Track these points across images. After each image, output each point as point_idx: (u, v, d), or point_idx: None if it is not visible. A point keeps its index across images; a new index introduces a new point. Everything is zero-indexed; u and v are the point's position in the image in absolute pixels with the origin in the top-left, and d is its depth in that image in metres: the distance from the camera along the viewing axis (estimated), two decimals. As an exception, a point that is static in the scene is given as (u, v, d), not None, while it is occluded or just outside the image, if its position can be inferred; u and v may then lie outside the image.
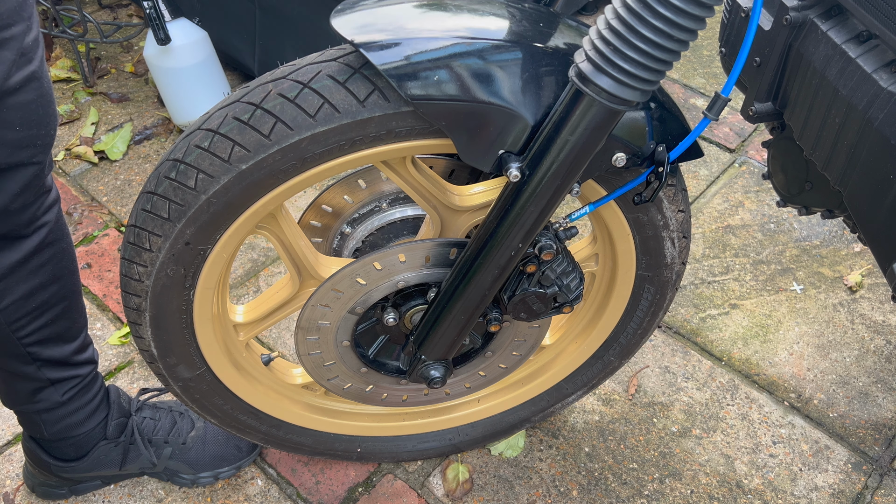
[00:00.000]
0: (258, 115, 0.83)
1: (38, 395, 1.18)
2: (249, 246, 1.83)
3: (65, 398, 1.20)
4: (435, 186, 0.96)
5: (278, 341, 1.63)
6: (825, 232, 1.84)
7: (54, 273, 1.08)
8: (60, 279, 1.09)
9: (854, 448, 1.45)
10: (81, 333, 1.19)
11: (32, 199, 0.99)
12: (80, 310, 1.17)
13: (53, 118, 0.97)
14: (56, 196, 1.06)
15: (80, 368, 1.20)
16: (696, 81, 2.30)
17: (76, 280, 1.14)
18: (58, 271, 1.08)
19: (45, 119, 0.94)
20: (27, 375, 1.15)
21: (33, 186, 0.97)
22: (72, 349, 1.17)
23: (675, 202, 1.01)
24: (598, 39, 0.73)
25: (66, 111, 2.17)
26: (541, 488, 1.40)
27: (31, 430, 1.26)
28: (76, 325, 1.17)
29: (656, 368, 1.58)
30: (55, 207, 1.05)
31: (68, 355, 1.17)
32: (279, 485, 1.40)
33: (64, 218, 1.09)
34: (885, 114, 0.81)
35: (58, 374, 1.17)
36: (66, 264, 1.10)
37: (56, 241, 1.06)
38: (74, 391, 1.21)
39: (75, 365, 1.19)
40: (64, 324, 1.14)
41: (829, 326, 1.65)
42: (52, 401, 1.19)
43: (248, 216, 0.90)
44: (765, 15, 0.93)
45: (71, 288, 1.12)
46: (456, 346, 1.04)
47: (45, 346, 1.13)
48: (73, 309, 1.15)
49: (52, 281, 1.08)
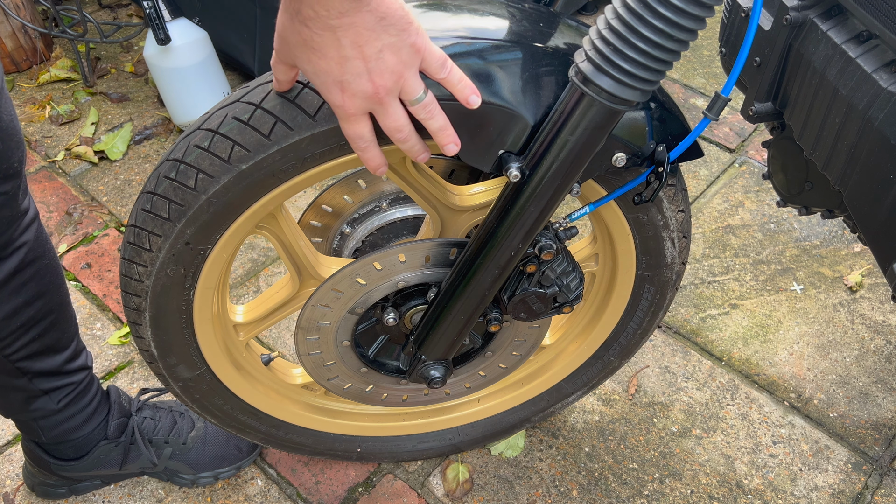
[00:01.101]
0: (258, 115, 0.83)
1: (32, 405, 1.18)
2: (249, 246, 1.83)
3: (60, 405, 1.20)
4: (435, 186, 0.96)
5: (278, 341, 1.63)
6: (825, 232, 1.84)
7: (38, 289, 1.06)
8: (45, 294, 1.08)
9: (854, 448, 1.45)
10: (72, 342, 1.18)
11: (6, 226, 0.97)
12: (70, 319, 1.16)
13: (18, 149, 0.95)
14: (34, 213, 1.04)
15: (73, 376, 1.19)
16: (696, 81, 2.30)
17: (63, 292, 1.12)
18: (41, 287, 1.07)
19: (7, 153, 0.92)
20: (19, 388, 1.14)
21: (4, 216, 0.96)
22: (63, 359, 1.16)
23: (675, 202, 1.01)
24: (598, 39, 0.73)
25: (66, 111, 2.17)
26: (541, 488, 1.40)
27: (29, 434, 1.25)
28: (66, 336, 1.16)
29: (656, 368, 1.58)
30: (34, 225, 1.04)
31: (60, 365, 1.16)
32: (279, 485, 1.40)
33: (45, 233, 1.07)
34: (885, 114, 0.81)
35: (50, 385, 1.16)
36: (50, 279, 1.08)
37: (37, 259, 1.05)
38: (69, 398, 1.20)
39: (68, 373, 1.18)
40: (53, 336, 1.12)
41: (829, 326, 1.65)
42: (47, 409, 1.19)
43: (248, 216, 0.90)
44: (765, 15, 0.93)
45: (57, 301, 1.11)
46: (456, 346, 1.04)
47: (35, 359, 1.12)
48: (62, 320, 1.13)
49: (37, 297, 1.06)
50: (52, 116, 2.16)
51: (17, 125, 0.96)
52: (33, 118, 2.17)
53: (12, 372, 1.11)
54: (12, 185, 0.96)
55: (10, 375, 1.12)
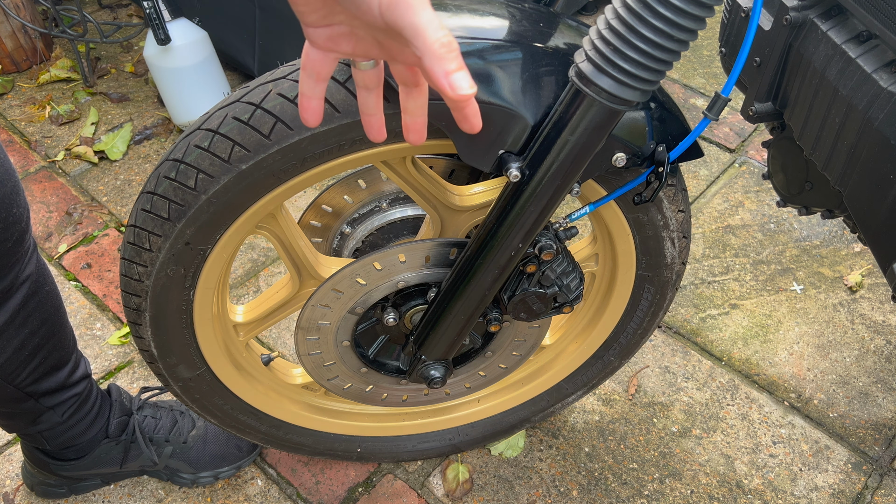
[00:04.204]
0: (258, 115, 0.83)
1: (38, 420, 1.18)
2: (249, 246, 1.82)
3: (64, 417, 1.20)
4: (435, 186, 0.96)
5: (278, 341, 1.63)
6: (825, 232, 1.84)
7: (42, 317, 1.07)
8: (48, 319, 1.08)
9: (854, 448, 1.45)
10: (73, 354, 1.18)
11: (8, 270, 0.98)
12: (68, 334, 1.16)
13: (21, 206, 0.95)
14: (33, 244, 1.04)
15: (75, 387, 1.20)
16: (696, 81, 2.29)
17: (62, 312, 1.13)
18: (45, 314, 1.07)
19: (8, 217, 0.93)
20: (26, 409, 1.15)
21: (8, 263, 0.97)
22: (66, 373, 1.17)
23: (675, 202, 1.01)
24: (599, 39, 0.73)
25: (66, 111, 2.17)
26: (541, 488, 1.40)
27: (33, 443, 1.26)
28: (67, 351, 1.16)
29: (656, 368, 1.58)
30: (34, 256, 1.04)
31: (63, 380, 1.16)
32: (279, 485, 1.40)
33: (42, 259, 1.07)
34: (885, 114, 0.81)
35: (55, 400, 1.17)
36: (51, 302, 1.09)
37: (39, 288, 1.05)
38: (73, 409, 1.21)
39: (71, 386, 1.19)
40: (56, 355, 1.13)
41: (829, 326, 1.65)
42: (53, 422, 1.20)
43: (248, 216, 0.90)
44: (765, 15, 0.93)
45: (58, 322, 1.11)
46: (456, 346, 1.04)
47: (41, 381, 1.12)
48: (62, 338, 1.14)
49: (41, 325, 1.07)
50: (52, 116, 2.16)
51: (18, 183, 0.96)
52: (33, 118, 2.17)
53: (21, 398, 1.12)
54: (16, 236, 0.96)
55: (18, 402, 1.12)
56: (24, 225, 0.97)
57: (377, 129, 0.65)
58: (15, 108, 2.21)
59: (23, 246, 0.98)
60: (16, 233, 0.95)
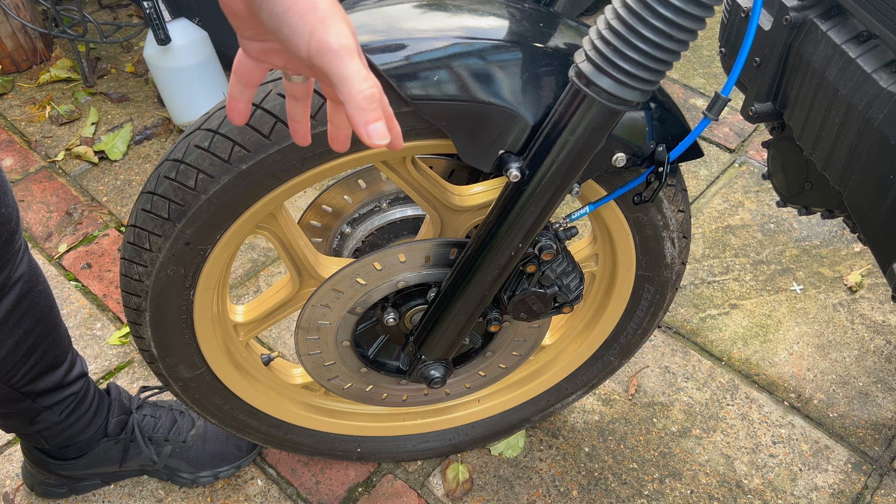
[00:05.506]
0: (258, 116, 0.83)
1: (35, 420, 1.18)
2: (249, 246, 1.83)
3: (62, 416, 1.20)
4: (435, 186, 0.96)
5: (278, 341, 1.63)
6: (825, 232, 1.84)
7: (36, 317, 1.07)
8: (42, 319, 1.08)
9: (854, 448, 1.45)
10: (68, 354, 1.18)
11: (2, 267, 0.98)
12: (63, 333, 1.16)
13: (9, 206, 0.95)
14: (24, 244, 1.04)
15: (72, 386, 1.20)
16: (696, 81, 2.29)
17: (55, 311, 1.12)
18: (38, 314, 1.07)
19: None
20: (24, 409, 1.15)
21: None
22: (62, 372, 1.16)
23: (675, 202, 1.01)
24: (598, 39, 0.73)
25: (66, 111, 2.17)
26: (541, 488, 1.40)
27: (32, 443, 1.26)
28: (62, 351, 1.16)
29: (656, 368, 1.58)
30: (26, 256, 1.04)
31: (59, 379, 1.16)
32: (279, 485, 1.40)
33: (34, 259, 1.07)
34: (885, 114, 0.81)
35: (53, 400, 1.17)
36: (44, 302, 1.09)
37: (32, 288, 1.05)
38: (71, 408, 1.21)
39: (68, 385, 1.19)
40: (52, 355, 1.13)
41: (828, 326, 1.65)
42: (51, 421, 1.20)
43: (248, 216, 0.90)
44: (765, 15, 0.93)
45: (52, 321, 1.11)
46: (456, 346, 1.04)
47: (37, 381, 1.12)
48: (57, 338, 1.13)
49: (35, 324, 1.07)
50: (52, 116, 2.16)
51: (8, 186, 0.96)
52: (33, 118, 2.17)
53: (18, 398, 1.12)
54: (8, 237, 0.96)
55: (15, 402, 1.12)
56: (13, 225, 0.96)
57: (302, 135, 0.67)
58: (15, 108, 2.21)
59: (13, 246, 0.98)
60: (5, 233, 0.95)
